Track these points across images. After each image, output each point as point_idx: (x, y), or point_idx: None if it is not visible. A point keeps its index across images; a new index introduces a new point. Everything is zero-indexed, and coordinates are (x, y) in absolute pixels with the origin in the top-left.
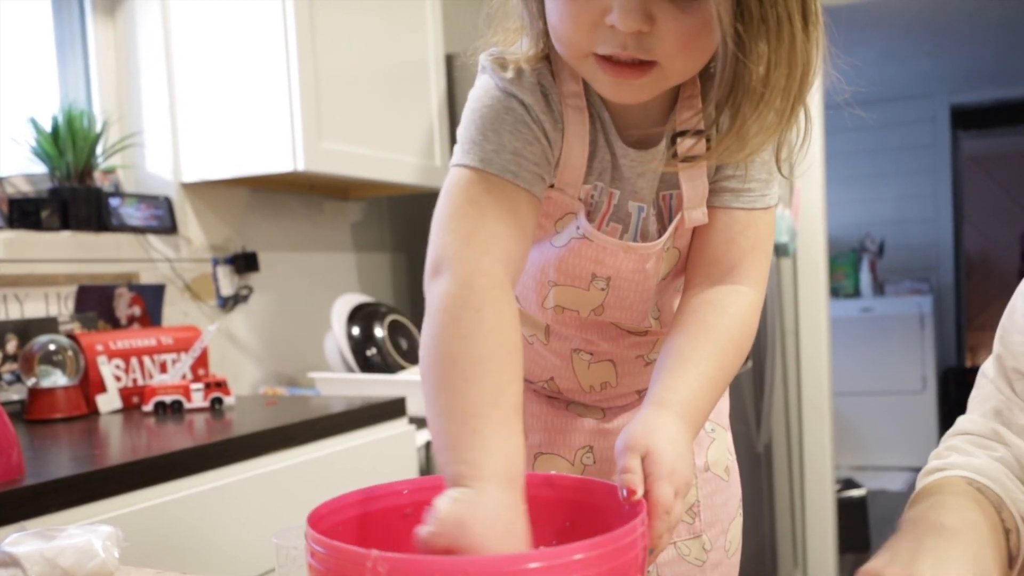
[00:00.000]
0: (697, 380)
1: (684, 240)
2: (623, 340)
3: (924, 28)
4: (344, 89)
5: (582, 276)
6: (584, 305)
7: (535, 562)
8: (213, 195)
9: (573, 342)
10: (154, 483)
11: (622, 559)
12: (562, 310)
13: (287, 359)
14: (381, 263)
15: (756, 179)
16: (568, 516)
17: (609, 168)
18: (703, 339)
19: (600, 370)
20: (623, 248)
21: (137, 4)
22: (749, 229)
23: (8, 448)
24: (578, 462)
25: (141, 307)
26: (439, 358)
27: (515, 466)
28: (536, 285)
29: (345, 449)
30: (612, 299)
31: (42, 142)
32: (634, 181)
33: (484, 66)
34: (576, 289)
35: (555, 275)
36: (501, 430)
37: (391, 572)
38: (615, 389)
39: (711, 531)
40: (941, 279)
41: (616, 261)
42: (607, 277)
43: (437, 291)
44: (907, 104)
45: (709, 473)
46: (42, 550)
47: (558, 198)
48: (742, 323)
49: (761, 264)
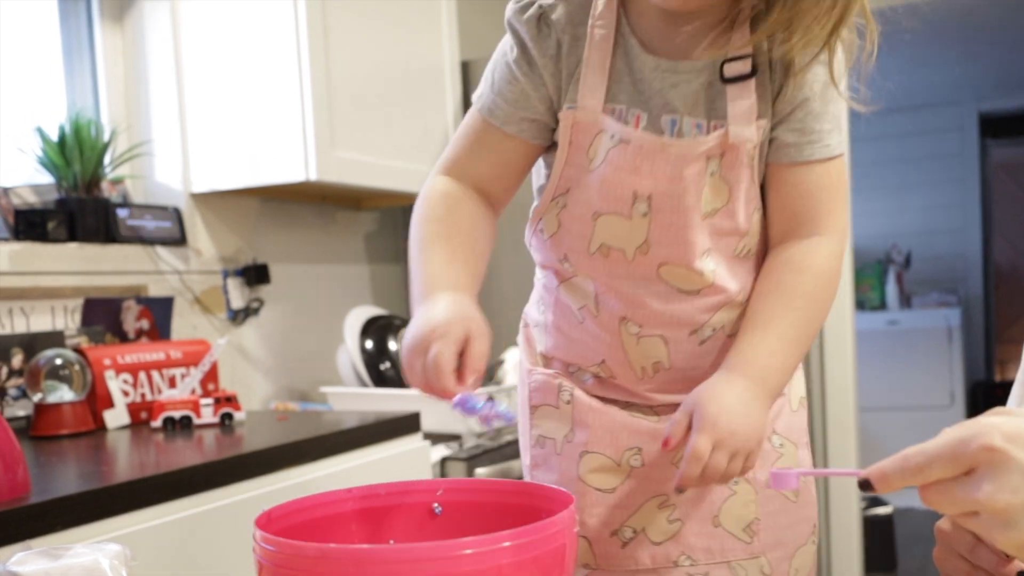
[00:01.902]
0: (768, 341)
1: (735, 175)
2: (673, 301)
3: (951, 34)
4: (357, 97)
5: (623, 197)
6: (629, 240)
7: (468, 549)
8: (223, 205)
9: (620, 308)
10: (163, 501)
11: (548, 547)
12: (608, 252)
13: (299, 373)
14: (395, 275)
15: (816, 130)
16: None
17: (631, 90)
18: (775, 299)
19: (650, 346)
20: (659, 147)
21: (146, 10)
22: (820, 179)
23: (14, 465)
24: (625, 463)
25: (149, 320)
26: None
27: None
28: (580, 226)
29: (358, 465)
30: (656, 229)
31: (49, 152)
32: (666, 93)
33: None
34: (618, 217)
35: (597, 201)
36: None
37: (337, 561)
38: (669, 373)
39: (772, 553)
40: (970, 291)
41: (654, 167)
42: (648, 196)
43: (425, 190)
44: (934, 112)
45: (772, 491)
46: (48, 569)
47: (583, 119)
48: (817, 276)
49: (837, 211)
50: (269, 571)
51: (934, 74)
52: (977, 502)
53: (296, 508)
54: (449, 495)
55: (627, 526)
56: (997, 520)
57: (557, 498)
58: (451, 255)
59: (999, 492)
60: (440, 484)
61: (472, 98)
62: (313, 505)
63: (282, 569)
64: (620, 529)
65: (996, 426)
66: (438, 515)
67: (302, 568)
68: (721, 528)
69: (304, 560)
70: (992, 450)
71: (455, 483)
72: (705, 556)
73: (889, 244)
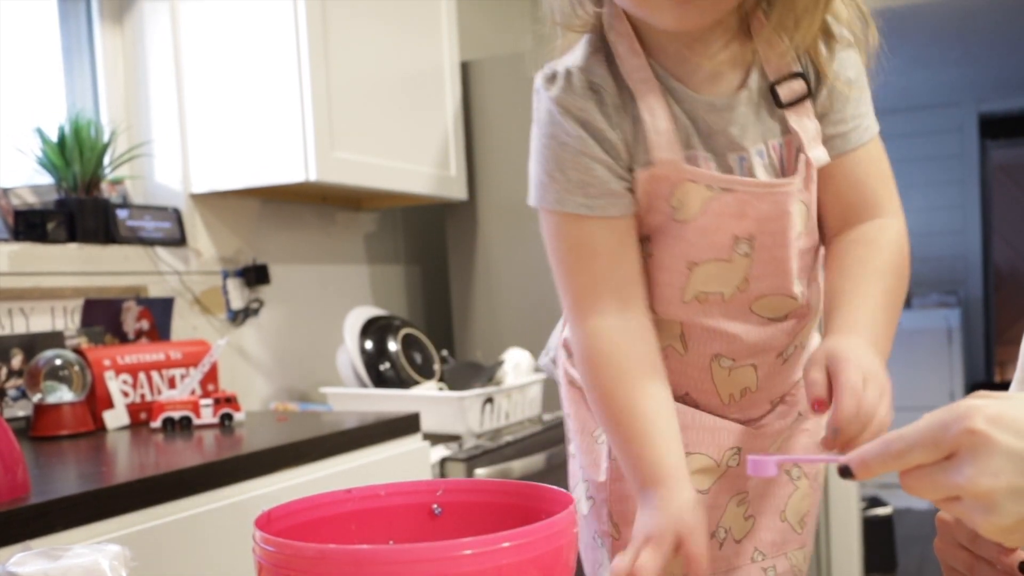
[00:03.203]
0: (866, 306)
1: (808, 194)
2: (765, 330)
3: (951, 35)
4: (357, 97)
5: (723, 243)
6: (728, 282)
7: (467, 549)
8: (223, 206)
9: (713, 345)
10: (163, 501)
11: (548, 548)
12: (705, 298)
13: (298, 374)
14: (395, 275)
15: (855, 115)
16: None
17: (693, 133)
18: (860, 272)
19: (741, 376)
20: (766, 190)
21: (146, 11)
22: (871, 165)
23: (13, 465)
24: (724, 463)
25: (149, 321)
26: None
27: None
28: (671, 276)
29: (358, 466)
30: (757, 265)
31: (48, 152)
32: (727, 130)
33: (537, 88)
34: (719, 263)
35: (694, 251)
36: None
37: (336, 562)
38: (755, 395)
39: (810, 542)
40: (969, 292)
41: (760, 210)
42: (749, 237)
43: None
44: (934, 113)
45: (817, 483)
46: (47, 570)
47: (662, 173)
48: (897, 252)
49: (893, 192)
50: (269, 572)
51: (934, 75)
52: (958, 487)
53: (296, 509)
54: (449, 496)
55: (720, 527)
56: (979, 504)
57: (557, 499)
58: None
59: (980, 476)
60: (440, 485)
61: (536, 203)
62: (313, 506)
63: (282, 570)
64: (716, 531)
65: (978, 408)
66: (438, 516)
67: (302, 569)
68: (786, 522)
69: (304, 561)
70: (973, 433)
71: (455, 483)
72: (772, 550)
73: None
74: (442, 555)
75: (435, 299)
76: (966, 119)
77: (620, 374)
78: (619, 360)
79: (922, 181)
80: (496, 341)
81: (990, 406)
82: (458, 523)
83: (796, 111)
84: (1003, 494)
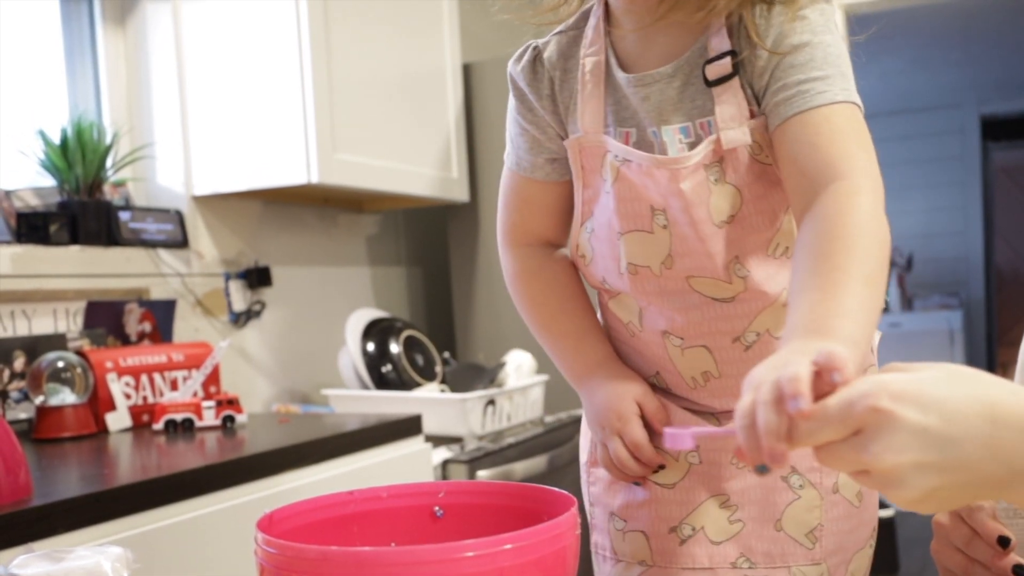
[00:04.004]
0: (808, 302)
1: (741, 178)
2: (709, 310)
3: (953, 37)
4: (359, 100)
5: (642, 214)
6: (654, 256)
7: (469, 551)
8: (225, 208)
9: (659, 322)
10: (165, 503)
11: (549, 550)
12: (636, 270)
13: (300, 376)
14: (397, 277)
15: (803, 80)
16: (514, 521)
17: (623, 107)
18: (805, 257)
19: (695, 357)
20: (655, 163)
21: (148, 13)
22: (823, 126)
23: (15, 468)
24: (683, 459)
25: (151, 323)
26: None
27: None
28: (610, 247)
29: (360, 468)
30: (677, 241)
31: (51, 155)
32: (642, 106)
33: None
34: (642, 234)
35: (618, 220)
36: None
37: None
38: (720, 381)
39: (832, 559)
40: (971, 294)
41: (656, 183)
42: (663, 209)
43: (507, 269)
44: (935, 114)
45: (838, 495)
46: (50, 572)
47: (587, 143)
48: (843, 221)
49: (852, 152)
50: (271, 573)
51: (935, 77)
52: (866, 462)
53: (298, 510)
54: (450, 497)
55: (686, 523)
56: (887, 479)
57: (559, 501)
58: (575, 331)
59: (885, 452)
60: (441, 487)
61: (504, 159)
62: (315, 507)
63: (284, 571)
64: (679, 526)
65: (884, 385)
66: (440, 518)
67: (304, 570)
68: (783, 533)
69: (306, 562)
70: (878, 411)
71: (457, 485)
72: (765, 560)
73: (891, 246)
74: (444, 557)
75: (437, 301)
76: (968, 121)
77: (548, 284)
78: (548, 275)
79: (924, 183)
80: (498, 343)
81: (895, 382)
82: (460, 525)
83: (723, 90)
84: (908, 469)
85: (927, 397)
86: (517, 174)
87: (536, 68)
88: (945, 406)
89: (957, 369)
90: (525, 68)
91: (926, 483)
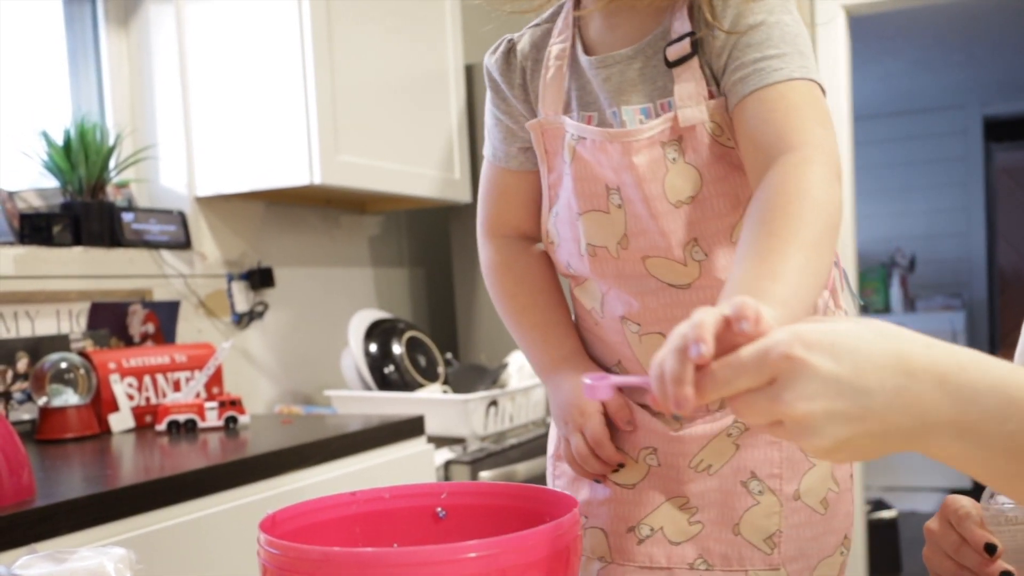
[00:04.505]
0: (743, 268)
1: (702, 158)
2: (665, 296)
3: (956, 37)
4: (362, 101)
5: (598, 193)
6: (610, 235)
7: (472, 552)
8: (228, 209)
9: (618, 307)
10: (167, 504)
11: (552, 550)
12: (594, 251)
13: (303, 377)
14: (399, 278)
15: (763, 57)
16: (517, 522)
17: (581, 92)
18: (750, 228)
19: (653, 344)
20: (607, 137)
21: (151, 14)
22: (778, 102)
23: (19, 469)
24: (642, 461)
25: (154, 324)
26: (503, 310)
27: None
28: (571, 229)
29: (362, 469)
30: (631, 220)
31: (54, 156)
32: (604, 88)
33: None
34: (599, 213)
35: (576, 201)
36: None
37: (341, 565)
38: None
39: (792, 565)
40: (974, 295)
41: (610, 159)
42: (617, 188)
43: (483, 260)
44: (938, 115)
45: (799, 503)
46: (53, 573)
47: (547, 125)
48: (780, 190)
49: (806, 126)
50: (273, 574)
51: (938, 78)
52: (778, 411)
53: (300, 511)
54: (453, 498)
55: (644, 524)
56: (799, 428)
57: (561, 502)
58: (544, 323)
59: (797, 400)
60: (444, 487)
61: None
62: (317, 508)
63: (286, 572)
64: (637, 526)
65: (798, 334)
66: (442, 519)
67: (306, 571)
68: (740, 537)
69: (308, 564)
70: (790, 359)
71: (459, 487)
72: (722, 562)
73: (893, 247)
74: (446, 558)
75: (439, 302)
76: (970, 122)
77: (521, 277)
78: (521, 267)
79: (926, 184)
80: (500, 344)
81: (810, 332)
82: (462, 526)
83: (683, 70)
84: (820, 417)
85: (841, 347)
86: (494, 165)
87: (510, 59)
88: (858, 356)
89: (875, 323)
90: (499, 59)
91: (838, 432)
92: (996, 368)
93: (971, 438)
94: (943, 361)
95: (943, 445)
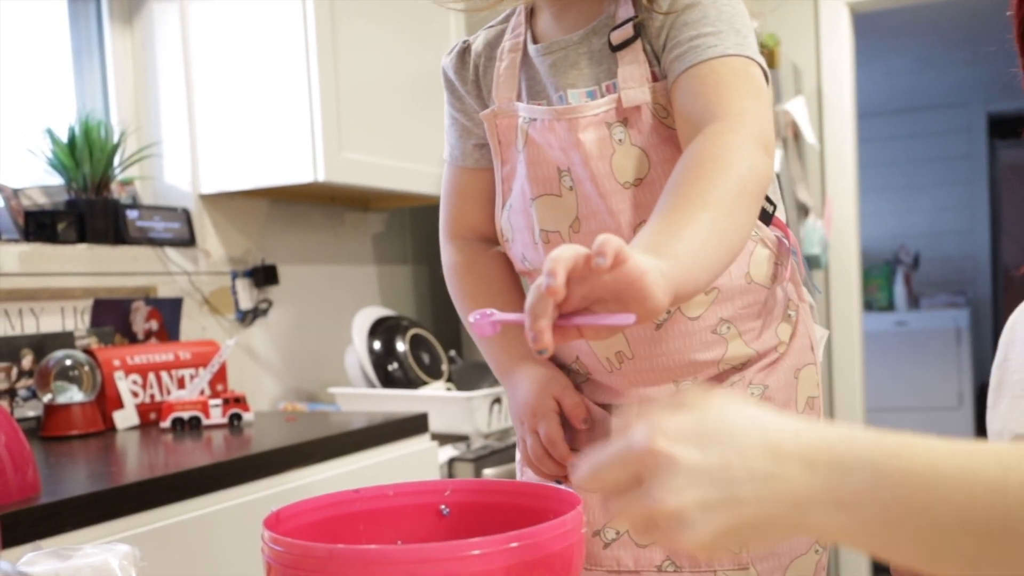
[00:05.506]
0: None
1: (647, 140)
2: None
3: (960, 35)
4: (365, 99)
5: (551, 176)
6: (562, 219)
7: (475, 549)
8: (232, 207)
9: None
10: (172, 501)
11: (556, 548)
12: (548, 238)
13: (307, 374)
14: (403, 276)
15: (698, 35)
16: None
17: (532, 81)
18: (664, 193)
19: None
20: (554, 115)
21: (155, 12)
22: (709, 76)
23: (23, 465)
24: None
25: (159, 321)
26: (467, 309)
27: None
28: (525, 217)
29: (366, 466)
30: (583, 202)
31: (59, 153)
32: (550, 74)
33: None
34: (552, 197)
35: (529, 186)
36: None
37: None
38: (634, 362)
39: (762, 564)
40: (978, 292)
41: (558, 138)
42: (568, 169)
43: (444, 262)
44: (942, 113)
45: None
46: (58, 570)
47: (500, 114)
48: (694, 155)
49: (734, 99)
50: (277, 572)
51: (942, 75)
52: (650, 508)
53: (304, 509)
54: (457, 496)
55: (609, 527)
56: (673, 523)
57: (565, 499)
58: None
59: (667, 495)
60: (448, 485)
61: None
62: (321, 506)
63: (290, 570)
64: (602, 530)
65: (660, 427)
66: (446, 516)
67: (310, 569)
68: None
69: (312, 561)
70: (654, 453)
71: (463, 484)
72: (690, 564)
73: (897, 245)
74: (450, 555)
75: (443, 299)
76: (974, 119)
77: (480, 277)
78: (480, 268)
79: (930, 181)
80: None
81: (671, 423)
82: (466, 523)
83: (626, 53)
84: (693, 509)
85: (707, 436)
86: (452, 166)
87: (464, 58)
88: (725, 445)
89: (736, 406)
90: (454, 59)
91: (714, 522)
92: (862, 441)
93: (848, 511)
94: (811, 444)
95: (824, 521)
